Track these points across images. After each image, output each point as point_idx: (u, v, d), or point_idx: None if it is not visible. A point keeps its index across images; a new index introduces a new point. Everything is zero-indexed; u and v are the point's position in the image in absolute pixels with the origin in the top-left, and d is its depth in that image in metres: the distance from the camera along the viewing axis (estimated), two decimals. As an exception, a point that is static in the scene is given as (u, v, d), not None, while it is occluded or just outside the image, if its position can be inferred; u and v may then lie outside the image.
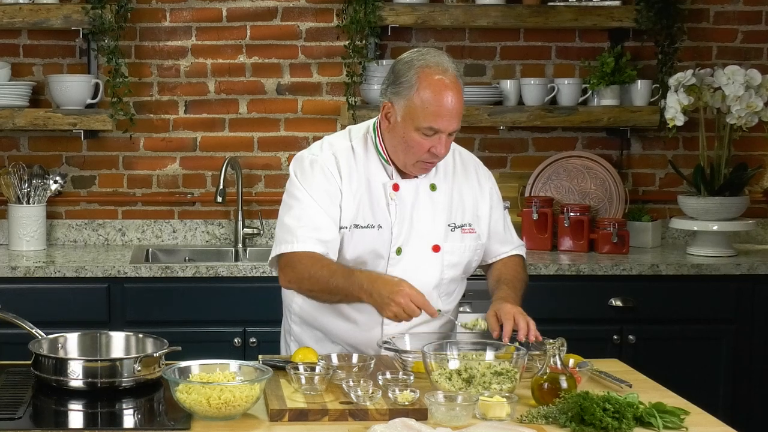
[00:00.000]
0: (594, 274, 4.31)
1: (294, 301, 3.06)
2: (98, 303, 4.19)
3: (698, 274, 4.34)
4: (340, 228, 2.89)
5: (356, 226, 2.90)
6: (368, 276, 2.76)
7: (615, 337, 4.30)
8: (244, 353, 4.13)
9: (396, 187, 2.91)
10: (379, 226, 2.90)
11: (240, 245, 4.74)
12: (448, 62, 2.83)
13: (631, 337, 4.31)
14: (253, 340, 4.20)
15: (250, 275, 4.21)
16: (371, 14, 4.52)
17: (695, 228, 4.57)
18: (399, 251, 2.91)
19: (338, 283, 2.78)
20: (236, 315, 4.21)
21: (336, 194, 2.89)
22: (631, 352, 4.26)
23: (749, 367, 4.39)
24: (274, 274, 3.00)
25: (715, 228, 4.52)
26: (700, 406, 2.56)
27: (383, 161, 2.93)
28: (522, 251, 3.19)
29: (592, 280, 4.32)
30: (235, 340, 4.20)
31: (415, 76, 2.79)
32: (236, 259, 4.71)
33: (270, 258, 2.95)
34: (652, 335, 4.34)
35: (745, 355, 4.38)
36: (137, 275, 4.19)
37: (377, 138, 2.93)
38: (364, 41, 4.62)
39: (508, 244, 3.14)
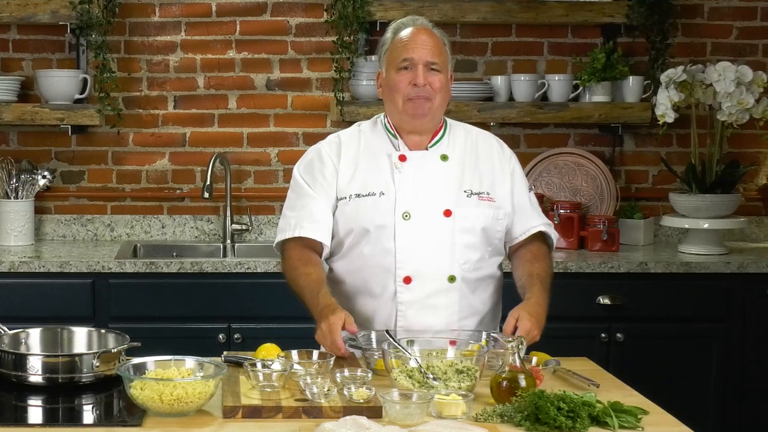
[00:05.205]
0: (582, 272, 4.28)
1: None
2: (83, 299, 4.18)
3: (688, 272, 4.29)
4: (340, 199, 2.97)
5: (358, 195, 2.97)
6: (327, 302, 2.82)
7: (603, 335, 4.26)
8: (228, 350, 4.09)
9: (402, 158, 2.99)
10: (381, 193, 2.96)
11: (228, 241, 4.72)
12: (422, 18, 3.03)
13: (619, 335, 4.26)
14: (237, 336, 4.18)
15: (235, 271, 4.19)
16: (360, 9, 4.50)
17: (686, 225, 4.52)
18: (407, 216, 2.94)
19: (304, 296, 2.90)
20: (221, 311, 4.20)
21: (331, 173, 2.99)
22: (619, 350, 4.24)
23: (740, 366, 4.33)
24: None
25: (705, 226, 4.47)
26: (691, 405, 2.53)
27: (391, 136, 3.03)
28: (550, 229, 3.13)
29: (580, 277, 4.28)
30: (220, 336, 4.17)
31: (390, 33, 3.01)
32: (224, 255, 4.69)
33: (274, 245, 3.11)
34: (640, 333, 4.29)
35: (736, 354, 4.32)
36: (122, 271, 4.18)
37: (386, 119, 3.06)
38: (353, 37, 4.58)
39: (537, 218, 3.11)
